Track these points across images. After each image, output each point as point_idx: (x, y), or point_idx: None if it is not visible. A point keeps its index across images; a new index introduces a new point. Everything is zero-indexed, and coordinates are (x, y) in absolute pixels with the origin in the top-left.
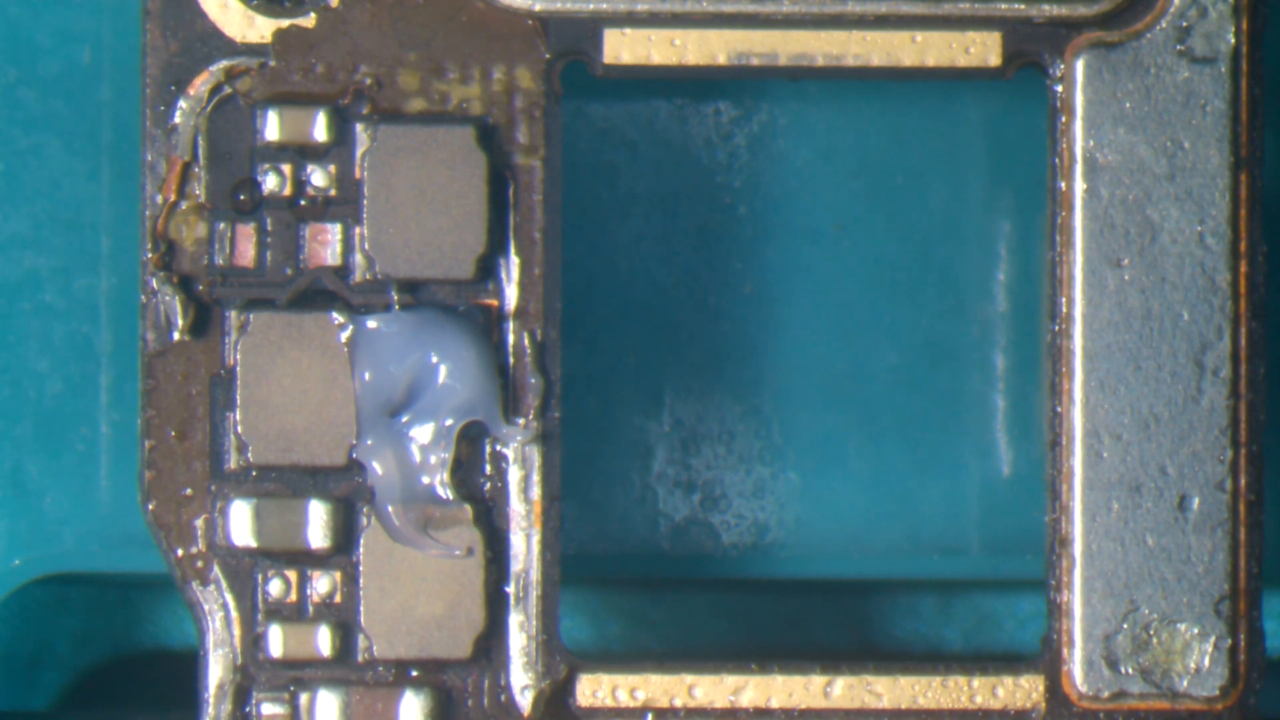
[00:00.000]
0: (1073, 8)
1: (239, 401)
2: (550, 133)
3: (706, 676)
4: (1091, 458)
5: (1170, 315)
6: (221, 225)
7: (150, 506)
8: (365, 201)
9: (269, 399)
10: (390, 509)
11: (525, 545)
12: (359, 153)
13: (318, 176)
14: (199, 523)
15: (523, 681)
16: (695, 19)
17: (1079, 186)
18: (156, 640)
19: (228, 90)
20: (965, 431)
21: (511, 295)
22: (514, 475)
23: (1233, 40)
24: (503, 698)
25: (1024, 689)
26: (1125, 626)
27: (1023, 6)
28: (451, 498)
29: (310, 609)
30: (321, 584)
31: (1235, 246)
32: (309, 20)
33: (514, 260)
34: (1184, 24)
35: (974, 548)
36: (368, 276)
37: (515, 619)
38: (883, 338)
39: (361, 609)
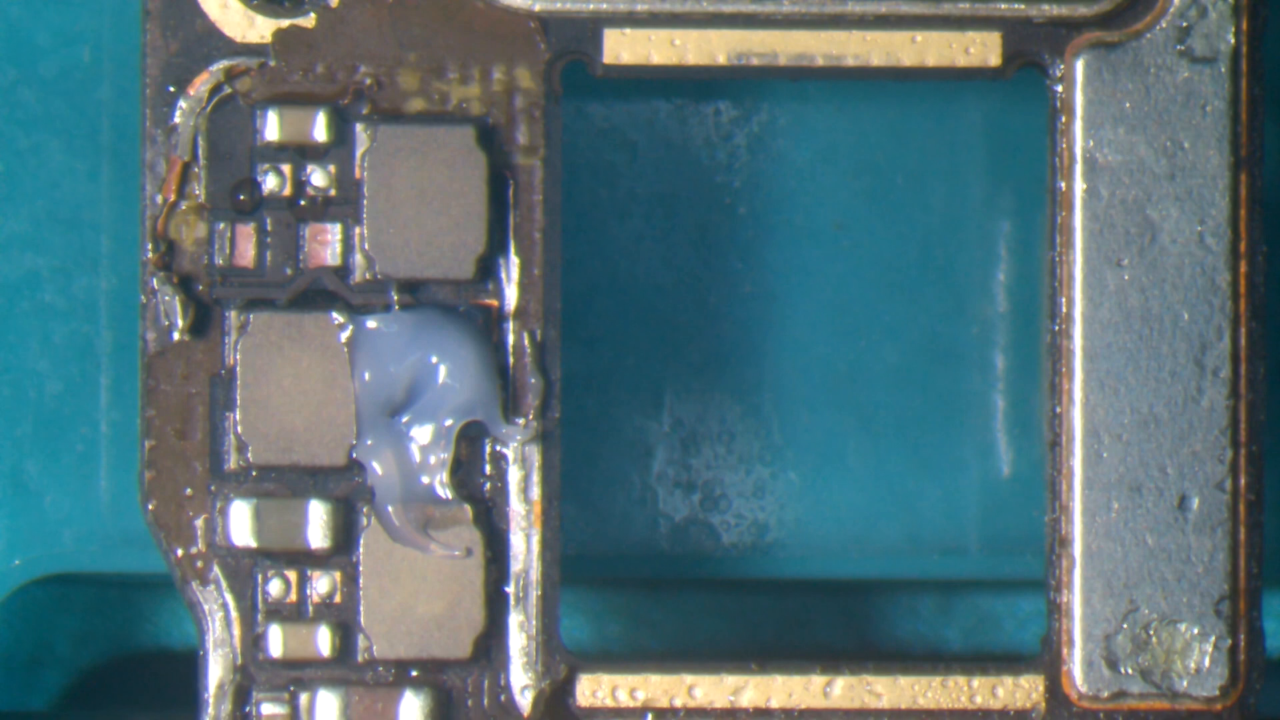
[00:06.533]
0: (1073, 8)
1: (239, 401)
2: (550, 133)
3: (706, 676)
4: (1091, 458)
5: (1170, 315)
6: (221, 225)
7: (150, 506)
8: (365, 201)
9: (269, 399)
10: (390, 509)
11: (525, 545)
12: (359, 153)
13: (318, 176)
14: (199, 523)
15: (523, 681)
16: (695, 19)
17: (1079, 186)
18: (156, 640)
19: (228, 90)
20: (965, 431)
21: (511, 295)
22: (514, 475)
23: (1233, 40)
24: (503, 698)
25: (1024, 689)
26: (1125, 626)
27: (1023, 6)
28: (451, 498)
29: (310, 609)
30: (321, 584)
31: (1235, 246)
32: (309, 20)
33: (514, 260)
34: (1184, 24)
35: (974, 548)
36: (368, 276)
37: (515, 619)
38: (883, 338)
39: (361, 609)
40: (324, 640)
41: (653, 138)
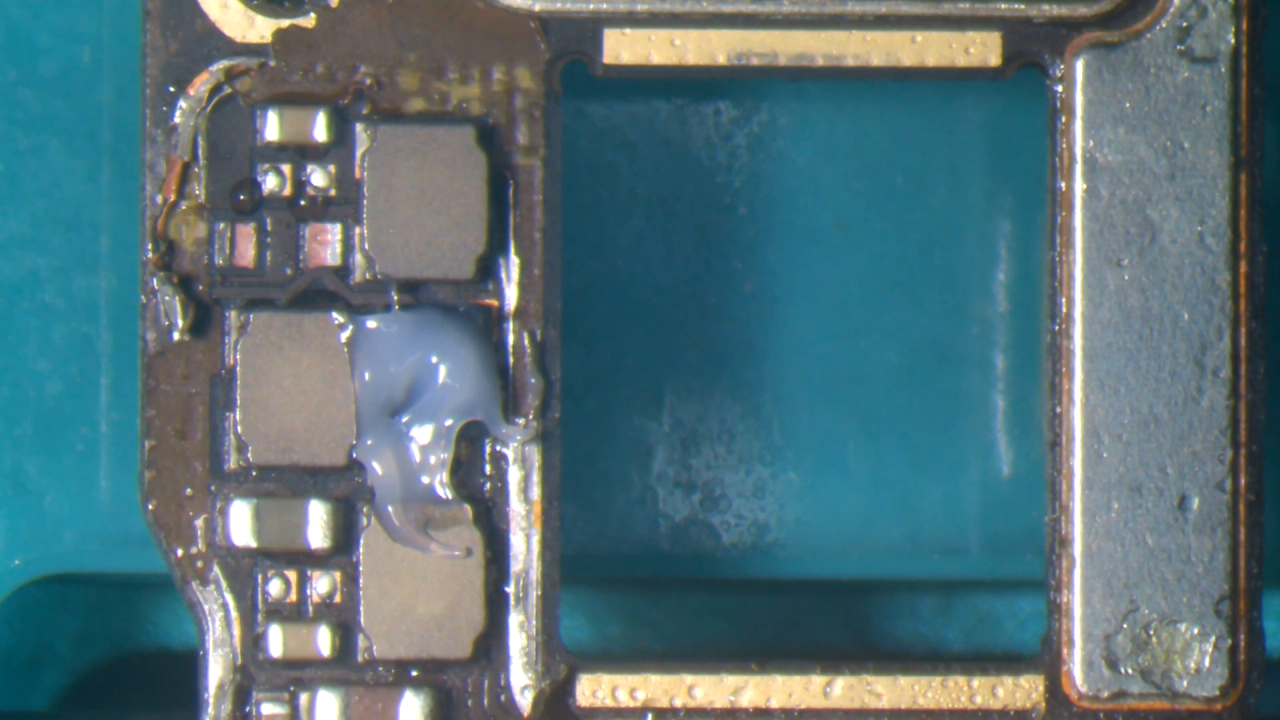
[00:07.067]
0: (1073, 8)
1: (239, 401)
2: (550, 133)
3: (706, 676)
4: (1091, 458)
5: (1170, 315)
6: (221, 225)
7: (150, 506)
8: (365, 201)
9: (269, 399)
10: (390, 509)
11: (525, 545)
12: (359, 153)
13: (318, 176)
14: (199, 523)
15: (523, 681)
16: (695, 19)
17: (1079, 186)
18: (156, 640)
19: (228, 90)
20: (965, 431)
21: (511, 295)
22: (514, 475)
23: (1233, 40)
24: (503, 698)
25: (1024, 689)
26: (1125, 626)
27: (1023, 6)
28: (451, 498)
29: (310, 609)
30: (321, 584)
31: (1235, 246)
32: (309, 20)
33: (514, 260)
34: (1184, 24)
35: (974, 548)
36: (368, 276)
37: (515, 619)
38: (883, 338)
39: (361, 609)
40: (324, 640)
41: (653, 138)
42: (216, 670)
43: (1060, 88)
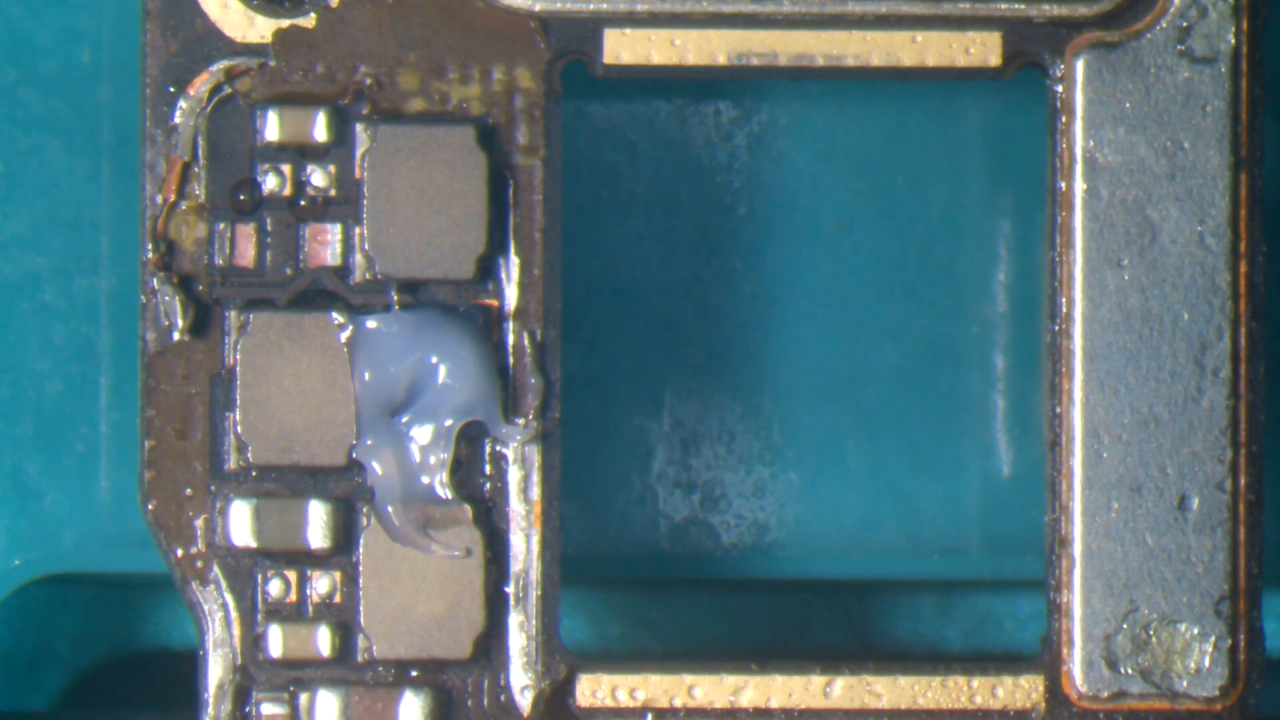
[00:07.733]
0: (1073, 8)
1: (239, 401)
2: (550, 133)
3: (706, 676)
4: (1091, 458)
5: (1170, 315)
6: (221, 225)
7: (150, 506)
8: (365, 201)
9: (269, 399)
10: (390, 509)
11: (525, 545)
12: (359, 153)
13: (318, 176)
14: (199, 523)
15: (523, 681)
16: (695, 19)
17: (1079, 186)
18: (156, 640)
19: (228, 90)
20: (965, 431)
21: (511, 295)
22: (514, 475)
23: (1233, 40)
24: (503, 698)
25: (1024, 689)
26: (1125, 626)
27: (1023, 6)
28: (451, 498)
29: (310, 609)
30: (321, 584)
31: (1235, 246)
32: (309, 20)
33: (514, 260)
34: (1184, 24)
35: (974, 548)
36: (368, 276)
37: (515, 619)
38: (883, 338)
39: (361, 609)
40: (324, 640)
41: (653, 138)
42: (216, 670)
43: (1060, 88)
